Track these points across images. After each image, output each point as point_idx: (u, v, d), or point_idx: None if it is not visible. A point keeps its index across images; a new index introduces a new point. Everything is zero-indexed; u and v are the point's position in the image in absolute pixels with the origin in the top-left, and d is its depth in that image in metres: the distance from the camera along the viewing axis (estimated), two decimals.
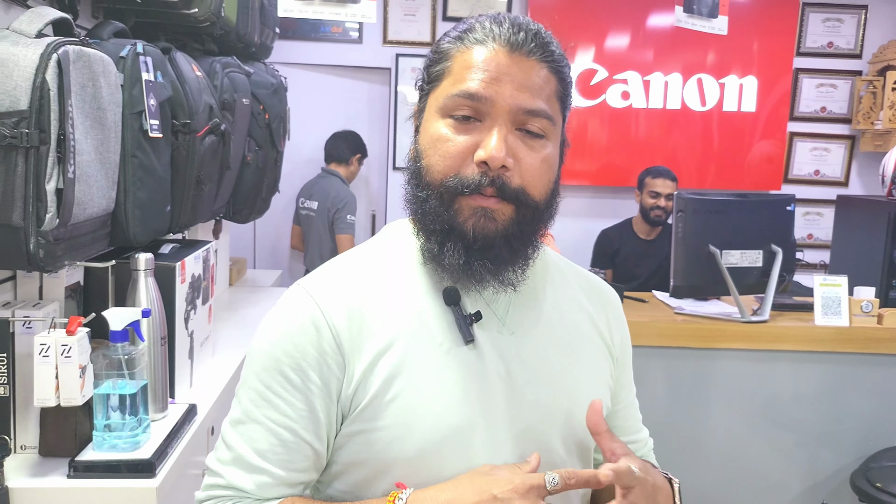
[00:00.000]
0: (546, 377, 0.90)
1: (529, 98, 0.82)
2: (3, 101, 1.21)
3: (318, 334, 0.85)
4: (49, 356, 1.28)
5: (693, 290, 2.87)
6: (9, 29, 1.27)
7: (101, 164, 1.42)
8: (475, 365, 0.86)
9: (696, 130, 4.34)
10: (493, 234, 0.83)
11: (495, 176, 0.81)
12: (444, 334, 0.86)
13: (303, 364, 0.85)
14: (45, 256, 1.27)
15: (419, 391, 0.84)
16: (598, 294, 1.02)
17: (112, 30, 1.62)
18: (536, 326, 0.92)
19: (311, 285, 0.89)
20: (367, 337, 0.85)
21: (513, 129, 0.83)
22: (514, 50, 0.83)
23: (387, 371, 0.84)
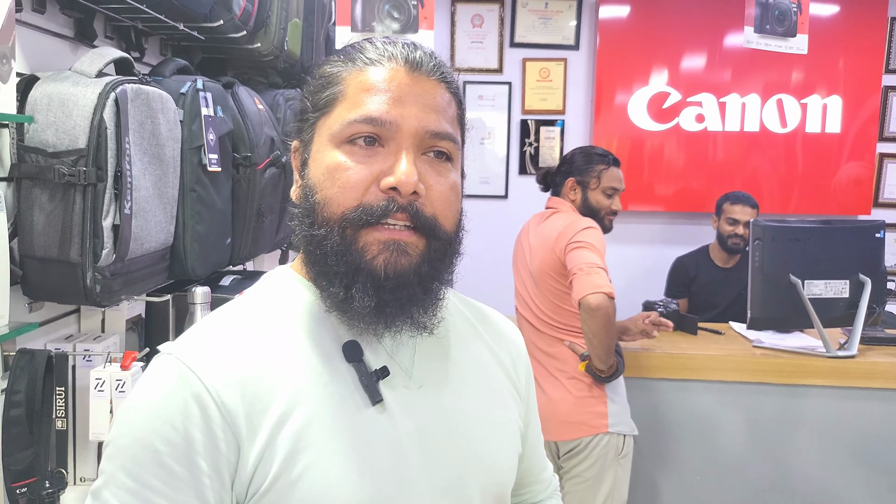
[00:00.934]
0: (460, 431, 0.82)
1: (436, 120, 0.76)
2: (63, 140, 1.24)
3: (204, 415, 0.70)
4: (104, 391, 1.30)
5: (773, 323, 2.72)
6: (71, 70, 1.31)
7: (159, 199, 1.43)
8: (385, 428, 0.76)
9: (777, 153, 4.16)
10: (406, 271, 0.74)
11: (406, 203, 0.73)
12: (348, 397, 0.75)
13: (189, 452, 0.69)
14: (101, 291, 1.29)
15: (327, 467, 0.72)
16: (496, 329, 0.96)
17: (175, 67, 1.65)
18: (445, 376, 0.83)
19: (187, 354, 0.73)
20: (262, 410, 0.71)
21: (419, 154, 0.76)
22: (415, 69, 0.77)
23: (288, 446, 0.71)
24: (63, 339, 1.49)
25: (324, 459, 0.72)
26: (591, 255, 2.15)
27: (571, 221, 2.30)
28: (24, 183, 1.26)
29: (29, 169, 1.24)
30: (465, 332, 0.91)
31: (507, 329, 0.98)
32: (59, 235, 1.25)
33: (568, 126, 4.17)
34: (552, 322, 2.37)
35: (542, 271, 2.36)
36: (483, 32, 4.09)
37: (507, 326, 0.99)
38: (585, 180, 2.42)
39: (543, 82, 4.11)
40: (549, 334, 2.38)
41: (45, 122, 1.24)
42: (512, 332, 0.98)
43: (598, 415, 2.28)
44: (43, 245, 1.25)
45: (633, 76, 4.08)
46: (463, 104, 0.83)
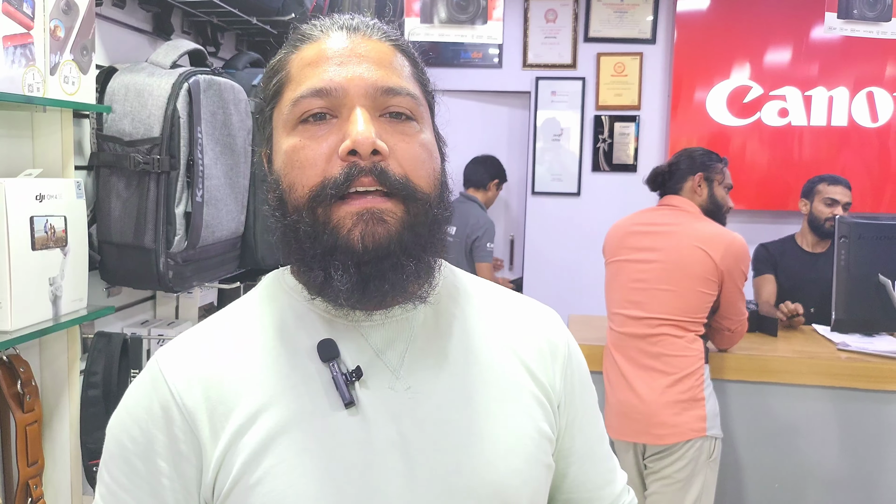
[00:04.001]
0: (452, 440, 0.72)
1: (385, 75, 0.70)
2: (139, 129, 1.28)
3: (166, 417, 0.70)
4: None
5: (858, 325, 2.58)
6: (147, 61, 1.35)
7: (230, 189, 1.46)
8: (358, 434, 0.70)
9: (867, 149, 3.96)
10: (385, 240, 0.67)
11: (370, 165, 0.67)
12: (318, 398, 0.70)
13: (149, 452, 0.70)
14: (174, 277, 1.32)
15: (288, 471, 0.68)
16: (524, 322, 0.83)
17: (247, 60, 1.68)
18: (438, 376, 0.74)
19: (164, 358, 0.73)
20: (226, 413, 0.70)
21: (376, 116, 0.69)
22: (353, 32, 0.72)
23: (250, 448, 0.68)
24: (139, 324, 1.54)
25: (285, 464, 0.68)
26: (744, 304, 2.43)
27: (727, 232, 2.39)
28: (102, 171, 1.30)
29: (107, 157, 1.29)
30: (477, 325, 0.80)
31: (542, 323, 0.84)
32: (134, 222, 1.29)
33: (643, 122, 4.08)
34: (669, 319, 2.31)
35: (685, 270, 2.34)
36: (556, 27, 4.04)
37: (542, 318, 0.85)
38: (712, 176, 2.44)
39: (618, 77, 4.03)
40: (657, 332, 2.32)
41: (122, 111, 1.28)
42: (548, 324, 0.85)
43: (697, 418, 2.23)
44: (119, 231, 1.30)
45: (713, 70, 3.95)
46: (420, 64, 0.76)
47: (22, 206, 1.11)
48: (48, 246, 1.17)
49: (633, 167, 4.10)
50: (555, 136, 4.11)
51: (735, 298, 2.38)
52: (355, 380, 0.70)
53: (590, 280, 3.82)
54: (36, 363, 1.31)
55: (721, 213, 2.48)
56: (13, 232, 1.09)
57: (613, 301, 2.49)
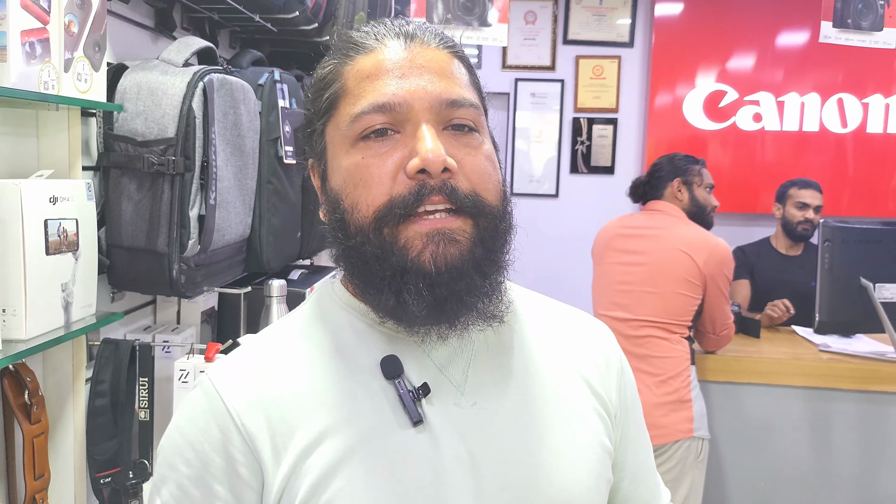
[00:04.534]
0: (521, 455, 0.70)
1: (448, 87, 0.67)
2: (152, 129, 1.23)
3: (224, 438, 0.67)
4: (188, 382, 1.29)
5: (840, 327, 2.64)
6: (158, 59, 1.30)
7: (239, 191, 1.43)
8: (427, 452, 0.68)
9: (837, 154, 4.06)
10: (458, 261, 0.65)
11: (440, 183, 0.65)
12: (386, 417, 0.68)
13: (205, 476, 0.67)
14: (186, 282, 1.28)
15: (358, 492, 0.66)
16: (581, 334, 0.82)
17: (251, 58, 1.64)
18: (504, 391, 0.72)
19: (218, 375, 0.71)
20: (289, 433, 0.68)
21: (440, 130, 0.67)
22: (411, 41, 0.69)
23: (317, 470, 0.66)
24: (141, 329, 1.49)
25: (354, 484, 0.66)
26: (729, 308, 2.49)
27: (710, 237, 2.44)
28: (112, 172, 1.25)
29: (118, 158, 1.24)
30: (535, 338, 0.78)
31: (596, 335, 0.83)
32: (147, 225, 1.24)
33: (621, 125, 4.11)
34: (653, 321, 2.33)
35: (669, 274, 2.36)
36: (536, 29, 4.05)
37: (596, 331, 0.84)
38: (690, 179, 2.51)
39: (597, 80, 4.06)
40: (643, 334, 2.34)
41: (135, 110, 1.24)
42: (602, 338, 0.83)
43: (685, 419, 2.26)
44: (131, 234, 1.25)
45: (689, 74, 4.01)
46: (473, 69, 0.74)
47: (37, 208, 1.06)
48: (61, 250, 1.12)
49: (611, 169, 4.14)
50: (533, 137, 4.12)
51: (719, 302, 2.42)
52: (423, 397, 0.69)
53: (568, 282, 3.84)
54: (39, 372, 1.26)
55: (706, 214, 2.54)
56: (28, 236, 1.04)
57: (600, 303, 2.51)
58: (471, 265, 0.66)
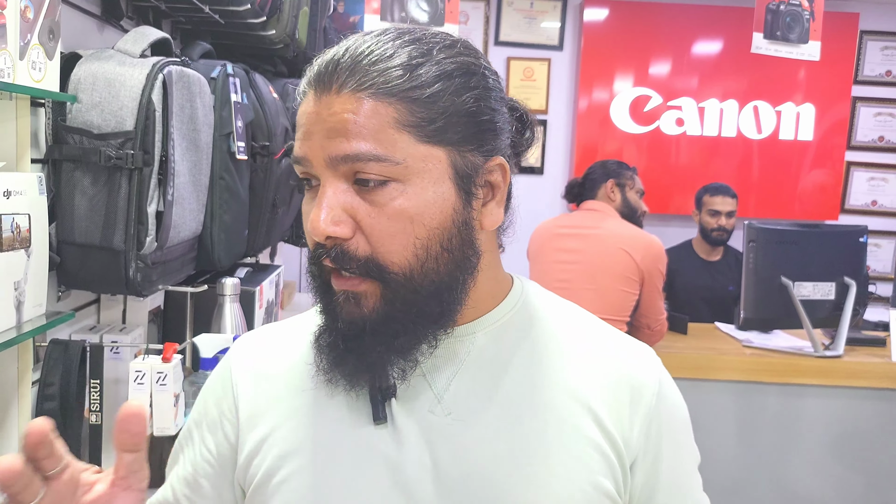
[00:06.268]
0: (489, 475, 0.68)
1: (343, 142, 0.64)
2: (109, 122, 1.18)
3: (222, 394, 0.77)
4: (144, 384, 1.25)
5: (763, 323, 2.78)
6: (114, 49, 1.25)
7: (193, 187, 1.39)
8: (388, 451, 0.69)
9: (752, 158, 4.26)
10: (359, 321, 0.66)
11: (330, 247, 0.65)
12: (353, 410, 0.71)
13: (202, 422, 0.78)
14: (142, 280, 1.24)
15: (310, 476, 0.70)
16: (614, 364, 0.75)
17: (201, 50, 1.60)
18: (487, 408, 0.70)
19: (239, 342, 0.81)
20: (268, 406, 0.73)
21: (349, 186, 0.65)
22: (322, 90, 0.65)
23: (280, 447, 0.71)
24: (87, 329, 1.43)
25: (309, 469, 0.70)
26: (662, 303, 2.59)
27: (646, 235, 2.52)
28: (64, 165, 1.20)
29: (71, 150, 1.19)
30: (541, 359, 0.74)
31: (627, 365, 0.75)
32: (103, 221, 1.19)
33: (550, 126, 4.20)
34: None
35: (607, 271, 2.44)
36: (468, 30, 4.08)
37: (629, 361, 0.76)
38: (623, 182, 2.61)
39: (527, 82, 4.13)
40: None
41: (90, 101, 1.19)
42: (635, 368, 0.75)
43: None
44: (84, 231, 1.20)
45: (616, 79, 4.12)
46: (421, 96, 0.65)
47: None
48: (14, 247, 1.06)
49: (539, 170, 4.21)
50: None
51: (654, 298, 2.51)
52: (390, 397, 0.70)
53: None
54: None
55: (636, 217, 2.65)
56: None
57: None
58: (370, 328, 0.66)
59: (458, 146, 0.67)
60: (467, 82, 0.67)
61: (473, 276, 0.70)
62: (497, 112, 0.70)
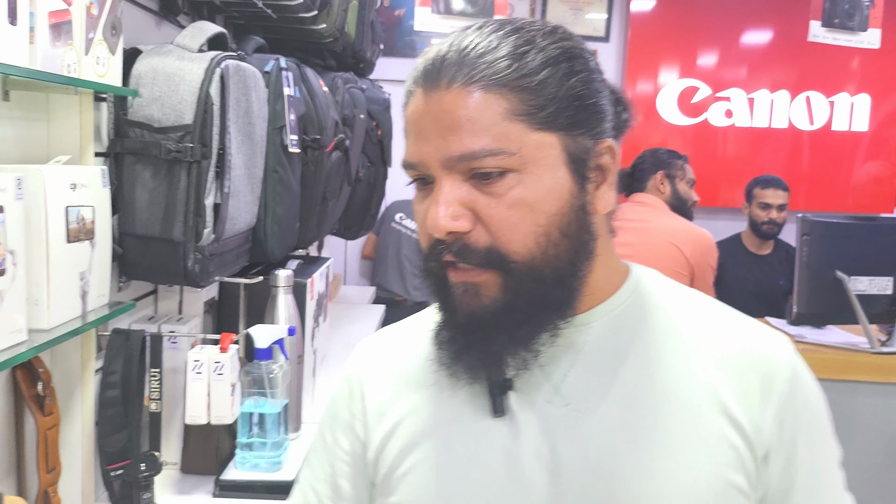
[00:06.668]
0: (608, 467, 0.68)
1: (457, 141, 0.64)
2: (169, 116, 1.21)
3: (350, 396, 0.80)
4: (202, 373, 1.27)
5: (816, 318, 2.72)
6: (173, 44, 1.27)
7: (248, 180, 1.40)
8: (505, 442, 0.70)
9: (804, 150, 4.16)
10: (479, 313, 0.67)
11: (451, 242, 0.66)
12: (472, 404, 0.72)
13: (334, 425, 0.81)
14: (200, 271, 1.26)
15: (431, 468, 0.72)
16: (744, 354, 0.71)
17: (255, 45, 1.62)
18: (605, 398, 0.70)
19: (364, 344, 0.84)
20: (392, 401, 0.77)
21: (465, 180, 0.66)
22: (431, 88, 0.66)
23: (403, 441, 0.74)
24: (145, 319, 1.46)
25: (430, 460, 0.72)
26: None
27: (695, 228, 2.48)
28: (126, 158, 1.23)
29: (133, 144, 1.21)
30: (662, 347, 0.72)
31: (758, 352, 0.72)
32: (163, 213, 1.22)
33: None
34: None
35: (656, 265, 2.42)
36: None
37: (760, 348, 0.72)
38: (673, 173, 2.56)
39: None
40: None
41: (151, 96, 1.21)
42: (767, 356, 0.72)
43: None
44: (145, 222, 1.23)
45: (663, 70, 4.06)
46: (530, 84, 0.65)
47: (58, 195, 1.03)
48: (80, 238, 1.09)
49: None
50: None
51: (705, 292, 2.47)
52: (506, 390, 0.70)
53: None
54: (47, 362, 1.23)
55: (686, 208, 2.60)
56: (51, 223, 1.01)
57: None
58: (492, 318, 0.66)
59: (569, 131, 0.66)
60: (572, 66, 0.66)
61: (591, 261, 0.69)
62: (601, 94, 0.69)
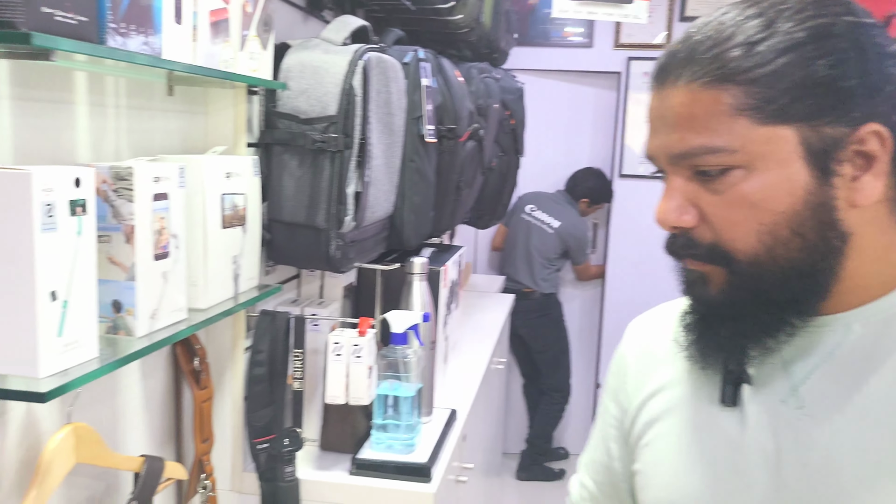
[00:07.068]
0: (835, 477, 0.64)
1: (678, 139, 0.64)
2: (315, 107, 1.26)
3: (617, 368, 0.86)
4: (341, 355, 1.32)
5: None
6: (319, 38, 1.33)
7: (387, 169, 1.44)
8: (731, 432, 0.71)
9: None
10: (705, 301, 0.70)
11: (681, 235, 0.68)
12: (707, 388, 0.73)
13: (607, 393, 0.87)
14: (341, 258, 1.31)
15: (665, 444, 0.76)
16: None
17: (394, 37, 1.65)
18: (843, 410, 0.65)
19: (637, 319, 0.89)
20: (647, 376, 0.81)
21: (691, 177, 0.66)
22: (661, 85, 0.67)
23: (650, 414, 0.79)
24: (289, 302, 1.54)
25: (664, 436, 0.76)
26: None
27: None
28: (275, 149, 1.29)
29: (281, 135, 1.27)
30: None
31: None
32: (308, 201, 1.27)
33: None
34: None
35: None
36: (651, 6, 3.92)
37: None
38: None
39: None
40: None
41: (298, 88, 1.27)
42: None
43: None
44: (291, 210, 1.29)
45: None
46: (760, 76, 0.62)
47: (215, 183, 1.10)
48: (233, 224, 1.16)
49: None
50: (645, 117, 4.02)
51: None
52: (740, 382, 0.70)
53: None
54: (202, 340, 1.31)
55: None
56: (209, 209, 1.08)
57: None
58: (723, 309, 0.68)
59: (809, 121, 0.62)
60: (821, 47, 0.62)
61: (838, 260, 0.65)
62: (869, 72, 0.62)
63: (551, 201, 3.99)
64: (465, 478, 1.72)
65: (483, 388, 2.10)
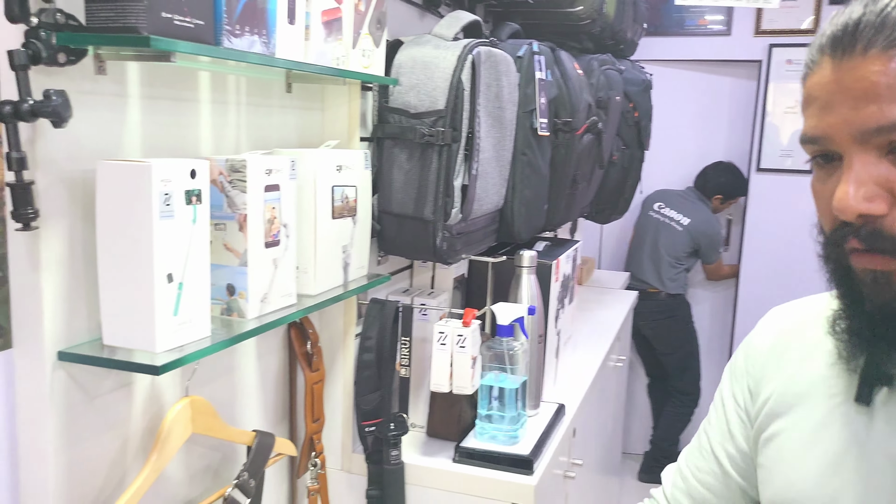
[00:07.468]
0: None
1: (876, 111, 0.58)
2: (424, 102, 1.29)
3: (746, 356, 0.85)
4: (446, 344, 1.35)
5: None
6: (430, 34, 1.36)
7: (496, 162, 1.45)
8: (858, 431, 0.69)
9: None
10: (893, 303, 0.61)
11: (858, 225, 0.60)
12: (843, 386, 0.71)
13: (733, 379, 0.85)
14: (447, 249, 1.34)
15: (788, 439, 0.75)
16: None
17: (509, 31, 1.66)
18: None
19: (772, 311, 0.87)
20: (776, 368, 0.79)
21: (882, 157, 0.59)
22: (843, 55, 0.60)
23: (772, 406, 0.78)
24: (400, 292, 1.59)
25: (790, 431, 0.75)
26: None
27: None
28: (385, 142, 1.33)
29: (392, 129, 1.31)
30: None
31: None
32: (416, 193, 1.31)
33: None
34: None
35: None
36: None
37: None
38: None
39: None
40: None
41: (409, 84, 1.30)
42: None
43: None
44: (400, 202, 1.32)
45: None
46: None
47: (326, 176, 1.15)
48: (343, 215, 1.21)
49: None
50: (788, 108, 3.79)
51: None
52: (884, 384, 0.68)
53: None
54: (316, 325, 1.38)
55: None
56: (320, 201, 1.14)
57: None
58: None
59: None
60: None
61: None
62: None
63: (680, 198, 3.86)
64: (573, 473, 1.70)
65: (597, 384, 2.07)
